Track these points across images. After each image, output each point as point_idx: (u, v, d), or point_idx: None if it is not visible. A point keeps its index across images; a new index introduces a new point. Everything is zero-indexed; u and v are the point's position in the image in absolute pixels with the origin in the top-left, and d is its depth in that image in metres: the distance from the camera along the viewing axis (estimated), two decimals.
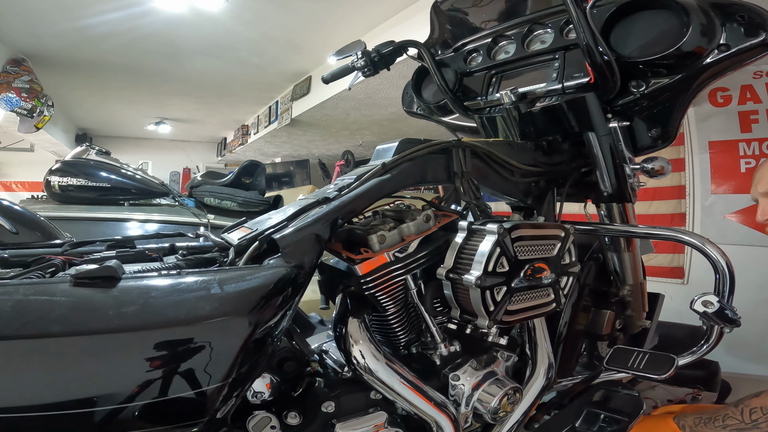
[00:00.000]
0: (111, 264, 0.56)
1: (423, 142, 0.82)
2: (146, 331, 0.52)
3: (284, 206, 0.85)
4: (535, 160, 0.96)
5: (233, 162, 7.90)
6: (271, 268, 0.62)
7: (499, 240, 0.69)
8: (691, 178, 2.33)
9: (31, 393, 0.48)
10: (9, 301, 0.50)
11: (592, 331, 1.09)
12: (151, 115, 6.66)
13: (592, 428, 0.99)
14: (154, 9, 3.23)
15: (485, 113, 1.12)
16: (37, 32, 3.56)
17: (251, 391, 0.70)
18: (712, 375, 1.50)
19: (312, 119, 5.27)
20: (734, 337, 0.70)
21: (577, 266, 0.82)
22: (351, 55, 1.22)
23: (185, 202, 2.36)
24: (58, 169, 2.19)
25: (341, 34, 3.60)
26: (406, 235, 0.76)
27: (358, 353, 0.72)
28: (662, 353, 0.99)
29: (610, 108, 0.96)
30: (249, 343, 0.56)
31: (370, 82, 3.72)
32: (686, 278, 2.35)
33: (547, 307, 0.77)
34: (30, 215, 1.28)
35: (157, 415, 0.53)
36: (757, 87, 2.15)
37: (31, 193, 2.74)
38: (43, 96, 3.81)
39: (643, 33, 0.90)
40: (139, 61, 4.27)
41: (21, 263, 0.72)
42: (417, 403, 0.73)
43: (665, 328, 1.33)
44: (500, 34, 1.13)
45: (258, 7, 3.29)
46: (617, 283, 1.09)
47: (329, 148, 7.25)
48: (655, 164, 0.95)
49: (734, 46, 0.83)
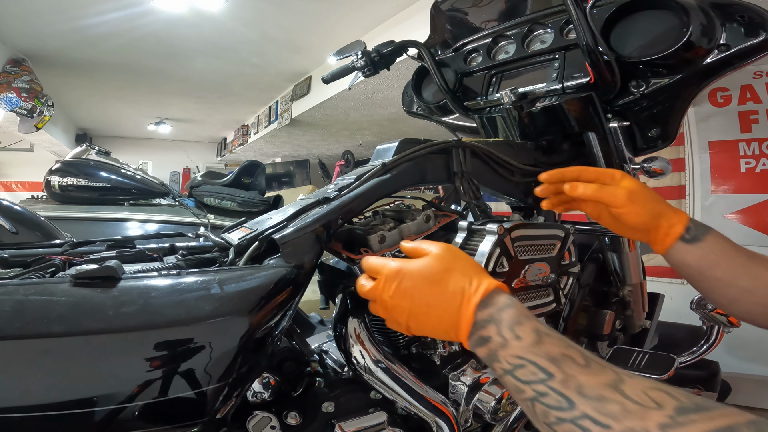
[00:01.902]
0: (111, 264, 0.56)
1: (423, 142, 0.82)
2: (146, 331, 0.52)
3: (284, 206, 0.85)
4: (535, 160, 0.96)
5: (233, 162, 7.91)
6: (271, 268, 0.62)
7: (499, 240, 0.69)
8: (691, 178, 2.33)
9: (31, 393, 0.48)
10: (9, 301, 0.50)
11: (592, 331, 1.09)
12: (151, 115, 6.66)
13: None
14: (153, 9, 3.23)
15: (485, 113, 1.12)
16: (36, 32, 3.56)
17: (251, 391, 0.70)
18: (712, 375, 1.50)
19: (312, 119, 5.28)
20: (734, 337, 0.70)
21: (577, 266, 0.82)
22: (351, 55, 1.22)
23: (185, 202, 2.36)
24: (58, 169, 2.19)
25: (341, 34, 3.61)
26: (406, 235, 0.76)
27: (358, 353, 0.72)
28: (662, 353, 0.99)
29: (610, 108, 0.96)
30: (249, 343, 0.56)
31: (370, 82, 3.73)
32: None
33: (547, 307, 0.77)
34: (30, 215, 1.29)
35: (157, 415, 0.53)
36: (757, 87, 2.15)
37: (31, 193, 2.74)
38: (43, 96, 3.81)
39: (643, 33, 0.90)
40: (138, 61, 4.27)
41: (21, 263, 0.72)
42: (417, 403, 0.73)
43: (665, 328, 1.33)
44: (500, 34, 1.13)
45: (258, 7, 3.29)
46: (617, 283, 1.09)
47: (329, 148, 7.25)
48: (655, 164, 0.95)
49: (734, 46, 0.83)
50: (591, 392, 0.37)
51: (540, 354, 0.41)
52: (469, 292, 0.46)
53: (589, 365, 0.39)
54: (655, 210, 0.65)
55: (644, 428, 0.34)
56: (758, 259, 0.61)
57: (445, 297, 0.48)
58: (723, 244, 0.62)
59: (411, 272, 0.51)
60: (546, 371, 0.40)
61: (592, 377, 0.38)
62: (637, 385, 0.37)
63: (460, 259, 0.51)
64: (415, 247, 0.56)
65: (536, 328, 0.43)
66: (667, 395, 0.36)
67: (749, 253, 0.62)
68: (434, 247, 0.53)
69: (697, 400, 0.36)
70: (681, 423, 0.34)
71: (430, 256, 0.52)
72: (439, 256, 0.51)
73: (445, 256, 0.51)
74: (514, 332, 0.42)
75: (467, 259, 0.52)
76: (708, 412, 0.34)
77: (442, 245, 0.54)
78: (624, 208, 0.65)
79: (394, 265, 0.53)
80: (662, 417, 0.35)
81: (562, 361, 0.40)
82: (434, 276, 0.49)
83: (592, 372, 0.38)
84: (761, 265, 0.60)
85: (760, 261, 0.61)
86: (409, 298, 0.50)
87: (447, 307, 0.47)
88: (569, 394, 0.38)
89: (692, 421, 0.34)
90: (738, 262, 0.61)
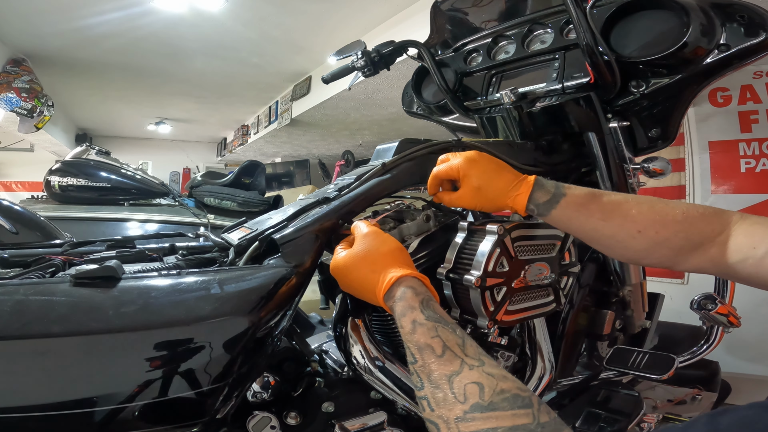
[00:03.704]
0: (111, 264, 0.56)
1: (423, 142, 0.82)
2: (146, 331, 0.52)
3: (284, 206, 0.85)
4: (535, 160, 0.96)
5: (233, 162, 7.91)
6: (271, 268, 0.62)
7: (499, 240, 0.69)
8: (691, 178, 2.33)
9: (31, 393, 0.48)
10: (9, 301, 0.50)
11: (592, 331, 1.09)
12: (151, 115, 6.66)
13: (592, 428, 0.99)
14: (154, 9, 3.23)
15: (485, 113, 1.12)
16: (37, 32, 3.56)
17: (251, 391, 0.70)
18: (712, 375, 1.50)
19: (312, 119, 5.28)
20: (734, 337, 0.70)
21: (577, 266, 0.82)
22: (351, 55, 1.22)
23: (185, 202, 2.37)
24: (58, 169, 2.20)
25: (341, 34, 3.61)
26: (406, 235, 0.76)
27: (358, 353, 0.72)
28: (662, 353, 0.99)
29: (610, 108, 0.96)
30: (249, 343, 0.56)
31: (370, 82, 3.73)
32: (686, 278, 2.35)
33: (547, 307, 0.77)
34: (30, 215, 1.29)
35: (157, 415, 0.53)
36: (757, 87, 2.15)
37: (31, 193, 2.74)
38: (43, 96, 3.81)
39: (643, 33, 0.90)
40: (139, 61, 4.27)
41: (21, 263, 0.72)
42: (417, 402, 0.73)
43: (665, 328, 1.33)
44: (500, 34, 1.13)
45: (258, 7, 3.29)
46: (617, 283, 1.09)
47: (329, 148, 7.25)
48: (655, 164, 0.94)
49: (734, 46, 0.83)
50: (434, 379, 0.47)
51: (412, 342, 0.51)
52: (378, 286, 0.57)
53: (443, 355, 0.48)
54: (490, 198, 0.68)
55: (447, 417, 0.43)
56: (617, 218, 0.61)
57: (366, 281, 0.59)
58: (570, 215, 0.64)
59: (348, 256, 0.62)
60: (413, 356, 0.50)
61: (441, 366, 0.47)
62: (465, 377, 0.45)
63: (374, 249, 0.60)
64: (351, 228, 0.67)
65: (414, 319, 0.52)
66: (479, 390, 0.43)
67: (607, 212, 0.61)
68: (360, 231, 0.64)
69: (502, 400, 0.42)
70: (468, 420, 0.42)
71: (357, 242, 0.62)
72: (362, 244, 0.61)
73: (365, 244, 0.61)
74: (400, 322, 0.53)
75: (379, 248, 0.61)
76: (497, 412, 0.41)
77: (366, 232, 0.63)
78: (473, 208, 0.71)
79: (343, 247, 0.64)
80: (460, 411, 0.43)
81: (425, 349, 0.49)
82: (357, 263, 0.60)
83: (442, 362, 0.47)
84: (619, 225, 0.61)
85: (618, 221, 0.61)
86: (348, 273, 0.61)
87: (368, 288, 0.59)
88: (423, 377, 0.48)
89: (474, 419, 0.42)
90: (589, 226, 0.63)
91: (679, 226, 0.58)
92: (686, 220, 0.58)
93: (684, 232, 0.57)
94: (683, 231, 0.57)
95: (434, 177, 0.72)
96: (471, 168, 0.68)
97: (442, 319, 0.52)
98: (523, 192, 0.66)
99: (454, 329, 0.51)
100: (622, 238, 0.61)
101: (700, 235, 0.57)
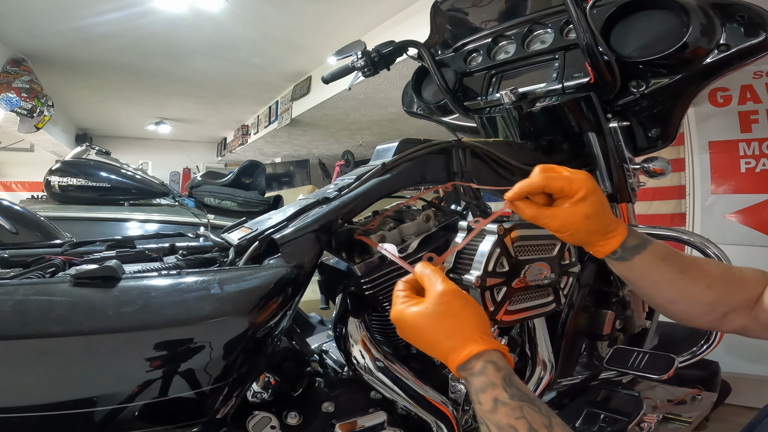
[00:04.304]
0: (111, 264, 0.56)
1: (423, 142, 0.82)
2: (146, 331, 0.52)
3: (284, 206, 0.85)
4: (535, 160, 0.95)
5: (233, 162, 7.90)
6: (271, 268, 0.62)
7: (499, 240, 0.69)
8: (691, 178, 2.33)
9: (31, 393, 0.48)
10: (9, 301, 0.50)
11: (592, 331, 1.09)
12: (151, 115, 6.66)
13: (592, 428, 0.99)
14: (154, 9, 3.23)
15: (485, 113, 1.12)
16: (37, 32, 3.56)
17: (251, 391, 0.70)
18: (712, 375, 1.50)
19: (312, 119, 5.27)
20: (734, 337, 0.70)
21: (577, 266, 0.82)
22: (351, 55, 1.22)
23: (185, 202, 2.37)
24: (58, 169, 2.20)
25: (341, 34, 3.60)
26: (406, 235, 0.76)
27: (358, 353, 0.72)
28: (662, 353, 0.99)
29: (610, 108, 0.96)
30: (249, 343, 0.56)
31: (370, 82, 3.72)
32: None
33: (547, 307, 0.77)
34: (30, 215, 1.29)
35: (157, 415, 0.53)
36: (757, 87, 2.15)
37: (31, 193, 2.74)
38: (43, 96, 3.81)
39: (643, 33, 0.90)
40: (139, 61, 4.27)
41: (21, 263, 0.72)
42: (417, 403, 0.73)
43: (665, 328, 1.33)
44: (500, 34, 1.13)
45: (258, 7, 3.29)
46: (617, 283, 1.09)
47: (329, 148, 7.25)
48: (655, 164, 0.95)
49: (734, 46, 0.83)
50: None
51: (492, 421, 0.48)
52: (453, 355, 0.52)
53: None
54: (589, 230, 0.61)
55: None
56: (692, 271, 0.62)
57: (439, 346, 0.53)
58: (653, 262, 0.62)
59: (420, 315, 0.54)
60: None
61: None
62: None
63: (453, 314, 0.53)
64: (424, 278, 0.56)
65: (495, 397, 0.48)
66: None
67: (684, 266, 0.62)
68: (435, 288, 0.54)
69: None
70: None
71: (432, 299, 0.54)
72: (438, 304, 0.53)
73: (442, 305, 0.53)
74: (478, 397, 0.50)
75: (459, 313, 0.53)
76: None
77: (442, 291, 0.54)
78: (556, 233, 0.63)
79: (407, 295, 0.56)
80: None
81: (507, 430, 0.47)
82: (432, 326, 0.53)
83: None
84: (692, 278, 0.62)
85: (692, 273, 0.62)
86: (417, 332, 0.54)
87: (439, 354, 0.53)
88: None
89: None
90: (666, 277, 0.63)
91: (739, 283, 0.61)
92: (743, 279, 0.62)
93: (742, 290, 0.61)
94: (743, 288, 0.61)
95: (538, 186, 0.59)
96: (593, 193, 0.58)
97: (527, 397, 0.48)
98: (620, 233, 0.61)
99: (540, 408, 0.47)
100: (693, 291, 0.62)
101: (754, 293, 0.60)
